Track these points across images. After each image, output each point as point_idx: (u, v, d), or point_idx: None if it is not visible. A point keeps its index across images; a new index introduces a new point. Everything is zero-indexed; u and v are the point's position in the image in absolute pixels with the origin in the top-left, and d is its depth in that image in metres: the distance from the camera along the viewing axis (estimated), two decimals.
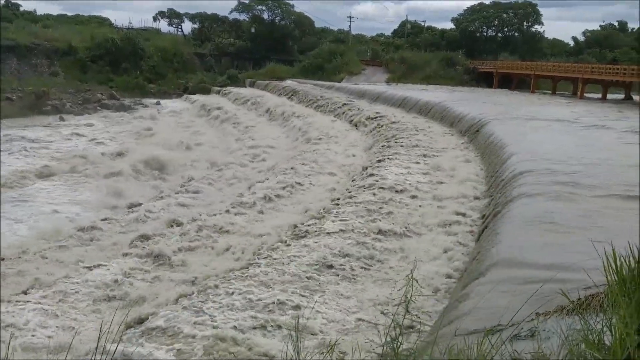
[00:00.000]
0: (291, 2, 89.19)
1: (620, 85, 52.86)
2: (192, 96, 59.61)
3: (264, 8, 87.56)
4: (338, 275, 10.15)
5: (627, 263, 3.06)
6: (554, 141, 20.24)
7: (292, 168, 21.00)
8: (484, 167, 18.65)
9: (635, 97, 47.89)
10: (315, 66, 72.65)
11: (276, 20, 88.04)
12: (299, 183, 18.64)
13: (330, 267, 10.48)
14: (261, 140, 30.59)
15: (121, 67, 62.04)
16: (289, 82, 62.96)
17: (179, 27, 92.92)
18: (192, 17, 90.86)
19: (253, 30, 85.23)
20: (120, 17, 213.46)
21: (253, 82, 67.92)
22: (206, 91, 63.75)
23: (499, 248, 9.06)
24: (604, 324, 2.95)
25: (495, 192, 14.24)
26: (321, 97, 47.10)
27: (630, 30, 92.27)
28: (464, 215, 13.52)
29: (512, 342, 4.46)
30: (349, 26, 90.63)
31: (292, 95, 52.19)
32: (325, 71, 70.93)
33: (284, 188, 17.81)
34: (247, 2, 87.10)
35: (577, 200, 11.49)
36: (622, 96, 52.85)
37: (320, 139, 28.23)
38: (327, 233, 12.39)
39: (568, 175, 13.78)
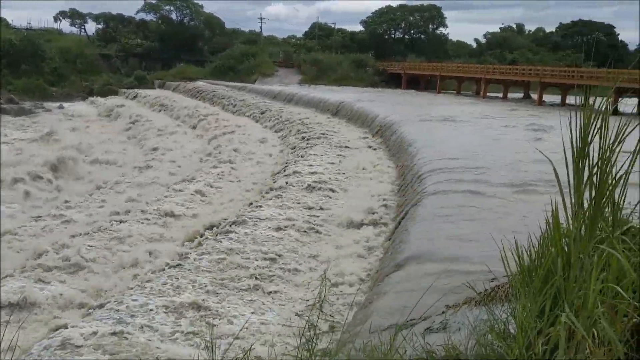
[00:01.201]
0: (200, 3, 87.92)
1: (520, 85, 55.97)
2: (98, 99, 57.31)
3: (172, 8, 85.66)
4: (255, 278, 10.05)
5: (528, 254, 3.20)
6: (460, 139, 21.08)
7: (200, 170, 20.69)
8: (395, 166, 19.13)
9: (534, 96, 50.77)
10: (227, 67, 71.94)
11: (185, 21, 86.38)
12: (211, 186, 18.40)
13: (247, 268, 10.36)
14: (174, 145, 29.84)
15: (20, 69, 58.73)
16: (200, 83, 61.93)
17: (82, 27, 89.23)
18: (96, 17, 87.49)
19: (161, 30, 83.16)
20: (18, 17, 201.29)
21: (163, 84, 66.28)
22: (113, 93, 61.51)
23: (410, 244, 9.31)
24: (508, 314, 3.07)
25: (406, 190, 14.63)
26: (233, 97, 46.76)
27: (527, 32, 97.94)
28: (376, 213, 13.78)
29: (424, 335, 4.60)
30: (260, 27, 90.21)
31: (204, 96, 51.39)
32: (237, 72, 70.41)
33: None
34: (154, 2, 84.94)
35: (483, 196, 12.02)
36: (521, 95, 55.95)
37: (231, 140, 28.00)
38: (245, 234, 12.25)
39: (474, 172, 14.40)
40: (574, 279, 2.54)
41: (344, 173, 18.60)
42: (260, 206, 14.65)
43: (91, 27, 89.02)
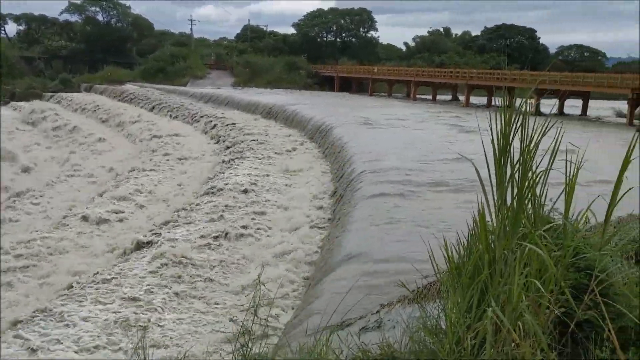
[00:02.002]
0: (127, 4, 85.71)
1: (448, 87, 57.71)
2: (19, 103, 54.68)
3: (97, 9, 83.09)
4: (187, 284, 9.85)
5: (457, 251, 3.28)
6: (392, 141, 21.46)
7: (135, 177, 20.14)
8: (329, 168, 19.26)
9: (461, 98, 52.40)
10: (157, 69, 70.46)
11: (112, 22, 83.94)
12: (141, 192, 17.94)
13: (179, 276, 10.14)
14: (100, 151, 28.91)
15: None
16: (129, 86, 60.33)
17: (2, 28, 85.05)
18: (17, 18, 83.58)
19: (87, 31, 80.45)
20: None
21: (90, 87, 64.12)
22: (36, 97, 58.86)
23: (346, 246, 9.39)
24: (440, 310, 3.15)
25: (340, 192, 14.75)
26: (163, 100, 45.80)
27: (454, 35, 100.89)
28: (311, 216, 13.83)
29: (360, 335, 4.65)
30: (191, 29, 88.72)
31: (132, 99, 50.06)
32: (168, 75, 69.09)
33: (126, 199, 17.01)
34: (79, 2, 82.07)
35: (415, 196, 12.29)
36: (450, 97, 57.66)
37: (166, 144, 27.40)
38: (174, 239, 11.99)
39: (407, 173, 14.69)
40: (499, 274, 2.63)
41: (278, 176, 18.57)
42: (193, 210, 14.41)
43: (12, 28, 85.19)
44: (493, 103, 47.18)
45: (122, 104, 48.25)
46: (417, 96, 55.60)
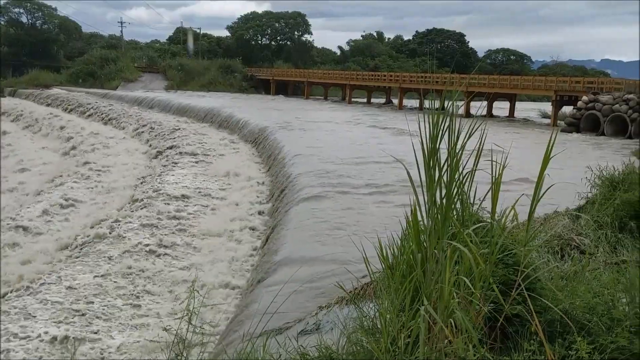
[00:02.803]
0: (53, 5, 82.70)
1: (382, 90, 58.73)
2: None
3: (21, 11, 79.63)
4: (120, 295, 9.57)
5: (392, 252, 3.34)
6: (328, 143, 21.61)
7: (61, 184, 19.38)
8: (266, 172, 19.19)
9: (395, 101, 53.39)
10: (86, 73, 68.21)
11: (37, 24, 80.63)
12: (77, 200, 17.27)
13: (117, 287, 9.84)
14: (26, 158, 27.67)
15: None
16: (57, 91, 58.13)
17: None
18: None
19: (10, 34, 76.91)
20: None
21: (14, 91, 61.34)
22: None
23: (283, 249, 9.36)
24: (376, 310, 3.19)
25: (278, 196, 14.72)
26: (93, 105, 44.37)
27: (387, 39, 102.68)
28: (248, 219, 13.73)
29: (298, 338, 4.65)
30: (121, 31, 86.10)
31: (60, 104, 48.22)
32: (97, 78, 67.01)
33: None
34: (1, 4, 78.46)
35: (352, 197, 12.40)
36: (383, 100, 58.66)
37: (96, 149, 26.54)
38: (108, 249, 11.63)
39: (342, 174, 14.81)
40: (431, 273, 2.69)
41: (215, 181, 18.34)
42: (127, 217, 14.02)
43: None
44: (425, 106, 48.36)
45: (48, 109, 46.36)
46: (352, 99, 56.28)
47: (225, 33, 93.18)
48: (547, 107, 42.29)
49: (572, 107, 33.84)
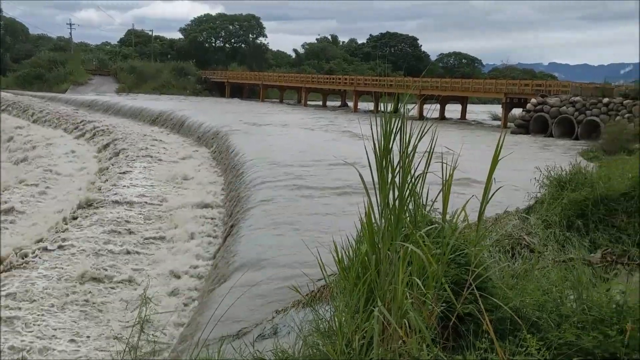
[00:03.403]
0: None
1: (337, 93, 59.08)
2: None
3: None
4: (69, 304, 9.29)
5: (347, 253, 3.35)
6: (284, 146, 21.58)
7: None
8: (223, 175, 19.02)
9: (350, 104, 53.76)
10: (33, 76, 66.25)
11: None
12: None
13: (67, 294, 9.54)
14: None
15: None
16: (2, 94, 56.18)
17: None
18: None
19: None
20: None
21: None
22: None
23: (240, 253, 9.29)
24: (332, 312, 3.19)
25: (234, 199, 14.60)
26: (42, 108, 43.12)
27: (341, 43, 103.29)
28: (203, 224, 13.56)
29: (254, 343, 4.61)
30: (70, 33, 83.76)
31: (6, 108, 46.67)
32: (46, 81, 65.16)
33: None
34: None
35: (308, 200, 12.41)
36: (339, 103, 58.99)
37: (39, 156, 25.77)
38: (58, 256, 11.29)
39: (298, 177, 14.83)
40: (384, 274, 2.71)
41: (167, 184, 18.06)
42: (79, 224, 13.65)
43: None
44: (379, 108, 48.83)
45: None
46: (308, 102, 56.42)
47: (178, 35, 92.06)
48: (498, 109, 43.32)
49: (521, 110, 34.76)
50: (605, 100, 29.09)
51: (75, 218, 14.55)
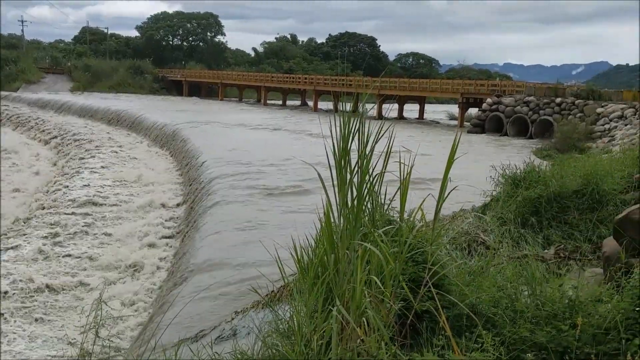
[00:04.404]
0: None
1: (297, 93, 59.04)
2: None
3: None
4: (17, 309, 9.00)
5: (306, 252, 3.34)
6: (243, 145, 21.43)
7: None
8: (180, 175, 18.77)
9: (310, 103, 53.82)
10: None
11: None
12: None
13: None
14: None
15: None
16: None
17: None
18: None
19: None
20: None
21: None
22: None
23: (198, 254, 9.18)
24: (292, 313, 3.18)
25: (192, 199, 14.43)
26: None
27: (300, 42, 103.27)
28: (160, 225, 13.35)
29: (213, 345, 4.56)
30: (22, 30, 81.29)
31: None
32: None
33: None
34: None
35: (268, 200, 12.36)
36: (299, 102, 58.97)
37: None
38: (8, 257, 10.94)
39: (257, 177, 14.75)
40: (343, 273, 2.72)
41: (123, 184, 17.72)
42: (31, 225, 13.26)
43: None
44: (339, 108, 49.00)
45: None
46: (268, 101, 56.21)
47: (134, 33, 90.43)
48: (455, 109, 44.05)
49: (477, 109, 35.42)
50: (558, 100, 29.91)
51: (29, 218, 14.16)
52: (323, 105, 52.15)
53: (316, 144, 21.31)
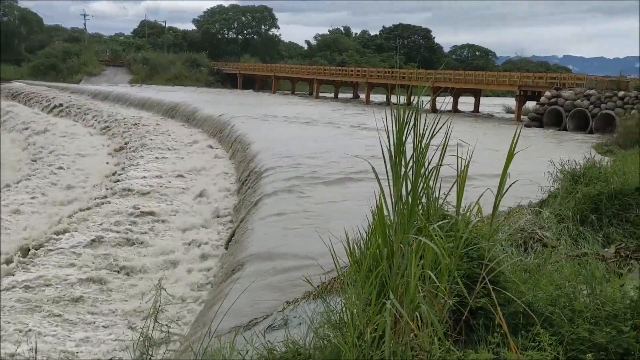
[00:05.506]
0: None
1: (349, 85, 58.93)
2: None
3: None
4: (82, 294, 9.37)
5: (358, 245, 3.35)
6: (297, 137, 21.57)
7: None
8: (233, 166, 19.07)
9: (362, 96, 53.62)
10: (47, 66, 66.73)
11: None
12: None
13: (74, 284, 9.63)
14: None
15: None
16: (17, 84, 56.67)
17: None
18: None
19: None
20: None
21: None
22: None
23: (251, 244, 9.31)
24: (343, 304, 3.20)
25: (246, 190, 14.64)
26: (55, 98, 43.40)
27: (354, 34, 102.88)
28: (216, 214, 13.63)
29: (265, 334, 4.63)
30: (84, 24, 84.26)
31: (20, 98, 47.04)
32: (60, 72, 65.64)
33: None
34: None
35: (321, 192, 12.41)
36: (351, 95, 58.86)
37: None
38: (71, 247, 11.38)
39: (311, 169, 14.82)
40: (397, 267, 2.71)
41: (179, 175, 18.13)
42: (88, 216, 13.76)
43: None
44: (392, 101, 48.66)
45: (10, 103, 45.15)
46: (320, 94, 56.35)
47: (191, 26, 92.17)
48: (511, 102, 43.01)
49: (535, 102, 34.47)
50: (621, 93, 28.76)
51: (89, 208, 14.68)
52: (375, 98, 51.84)
53: (368, 137, 21.24)
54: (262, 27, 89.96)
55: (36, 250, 11.36)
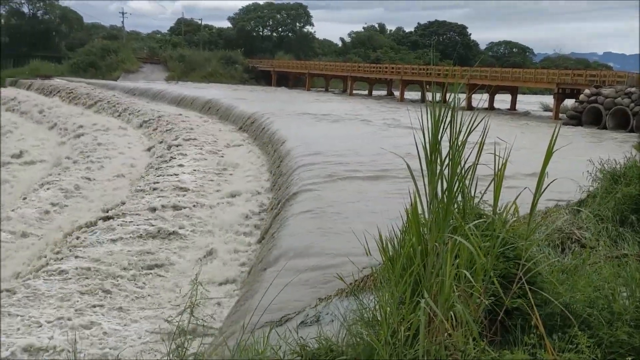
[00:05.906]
0: None
1: (383, 82, 58.66)
2: None
3: (23, 1, 79.49)
4: (122, 286, 9.58)
5: (392, 244, 3.33)
6: (330, 134, 21.58)
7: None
8: (267, 163, 19.18)
9: (396, 93, 53.29)
10: (87, 63, 68.14)
11: (38, 15, 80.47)
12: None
13: (118, 277, 9.85)
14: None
15: None
16: (57, 81, 58.01)
17: None
18: None
19: (12, 24, 76.79)
20: None
21: (15, 81, 61.24)
22: None
23: (284, 240, 9.37)
24: (376, 302, 3.19)
25: (279, 187, 14.72)
26: (94, 95, 44.30)
27: (388, 31, 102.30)
28: (250, 210, 13.75)
29: (298, 330, 4.66)
30: (122, 22, 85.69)
31: (63, 95, 48.12)
32: (98, 69, 66.97)
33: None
34: None
35: (354, 189, 12.39)
36: (385, 92, 58.57)
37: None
38: (112, 240, 11.65)
39: (345, 166, 14.80)
40: (431, 266, 2.69)
41: (215, 171, 18.34)
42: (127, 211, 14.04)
43: None
44: (426, 98, 48.27)
45: (48, 99, 46.28)
46: (354, 91, 56.20)
47: (226, 24, 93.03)
48: (549, 100, 42.15)
49: (574, 100, 33.74)
50: None
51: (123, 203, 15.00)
52: (409, 95, 51.46)
53: (404, 135, 21.10)
54: (297, 24, 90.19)
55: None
